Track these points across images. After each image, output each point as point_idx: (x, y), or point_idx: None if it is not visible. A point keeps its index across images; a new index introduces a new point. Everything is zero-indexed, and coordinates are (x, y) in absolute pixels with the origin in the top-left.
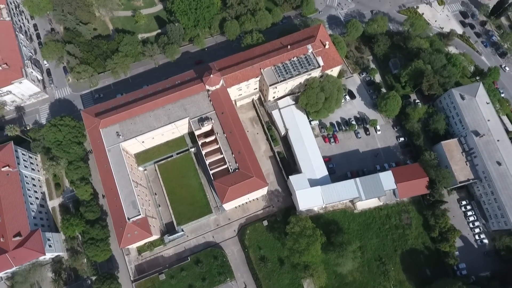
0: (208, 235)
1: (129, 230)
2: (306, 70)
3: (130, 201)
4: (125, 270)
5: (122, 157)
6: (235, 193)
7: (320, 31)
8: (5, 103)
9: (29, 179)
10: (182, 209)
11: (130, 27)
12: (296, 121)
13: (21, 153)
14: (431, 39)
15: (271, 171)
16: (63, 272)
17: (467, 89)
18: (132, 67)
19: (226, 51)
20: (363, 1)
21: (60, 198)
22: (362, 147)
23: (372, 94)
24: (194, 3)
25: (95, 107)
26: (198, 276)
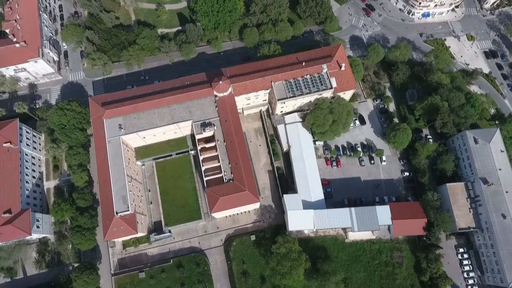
0: (195, 240)
1: (115, 224)
2: (317, 90)
3: (121, 195)
4: (107, 262)
5: (120, 150)
6: (225, 204)
7: (338, 52)
8: (19, 79)
9: (29, 157)
10: (172, 210)
11: (152, 21)
12: (300, 139)
13: (25, 131)
14: (453, 75)
15: (268, 185)
16: (47, 254)
17: (482, 133)
18: (147, 61)
19: (239, 58)
20: (390, 26)
21: (57, 180)
22: (364, 175)
23: (383, 123)
24: (217, 6)
25: (103, 96)
26: (177, 281)
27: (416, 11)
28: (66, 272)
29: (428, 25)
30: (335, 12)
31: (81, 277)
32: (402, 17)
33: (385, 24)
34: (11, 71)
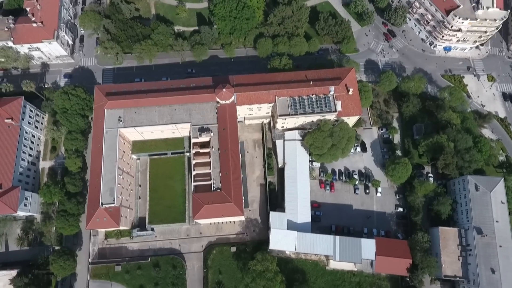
0: (176, 242)
1: (99, 215)
2: (321, 111)
3: (109, 187)
4: (86, 250)
5: (116, 142)
6: (209, 212)
7: (349, 75)
8: (33, 57)
9: (29, 135)
10: (158, 209)
11: (170, 17)
12: (297, 158)
13: (29, 109)
14: (465, 115)
15: (257, 199)
16: (31, 232)
17: (485, 180)
18: (159, 56)
19: (252, 66)
20: (409, 55)
21: (53, 161)
22: (356, 204)
23: (385, 153)
24: (235, 11)
25: (109, 86)
26: (151, 280)
27: (438, 44)
28: (45, 253)
29: (448, 59)
30: (355, 33)
31: (58, 261)
32: (423, 48)
33: (404, 52)
34: (25, 49)
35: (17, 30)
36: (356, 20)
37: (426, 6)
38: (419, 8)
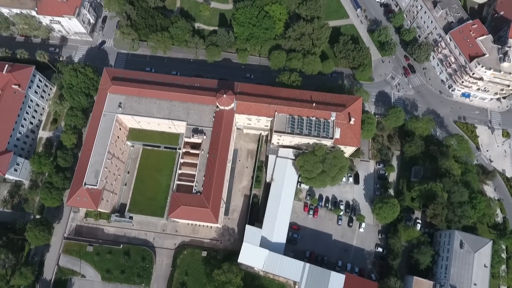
0: (151, 235)
1: (80, 194)
2: (317, 136)
3: (95, 169)
4: (64, 224)
5: (111, 127)
6: (184, 213)
7: (354, 104)
8: (53, 29)
9: (33, 104)
10: (140, 199)
11: (193, 13)
12: (285, 176)
13: (38, 79)
14: (467, 167)
15: (239, 209)
16: (16, 197)
17: (472, 239)
18: (173, 50)
19: (262, 76)
20: (425, 94)
21: (51, 133)
22: (337, 234)
23: (377, 189)
24: (256, 19)
25: (118, 71)
26: (119, 266)
27: (458, 88)
28: (25, 219)
29: (465, 106)
30: (374, 62)
31: (34, 230)
32: (441, 89)
33: (421, 90)
34: (47, 20)
35: (42, 1)
36: (378, 48)
37: (451, 47)
38: (444, 48)
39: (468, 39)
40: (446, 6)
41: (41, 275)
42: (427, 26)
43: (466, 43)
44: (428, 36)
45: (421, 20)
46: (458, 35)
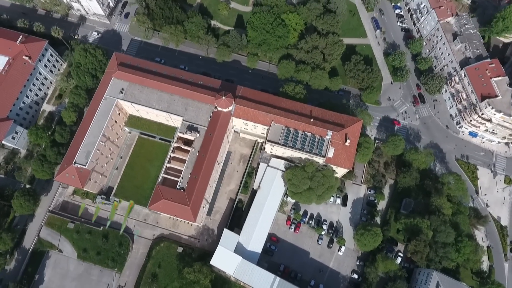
0: (132, 222)
1: (69, 171)
2: (310, 152)
3: (87, 150)
4: (51, 198)
5: (110, 111)
6: (164, 207)
7: (353, 126)
8: (72, 7)
9: (41, 77)
10: (127, 185)
11: (212, 10)
12: (272, 187)
13: (50, 54)
14: (459, 208)
15: (222, 211)
16: (11, 163)
17: (450, 283)
18: (186, 43)
19: (268, 83)
20: (430, 126)
21: (54, 107)
22: (315, 253)
23: (363, 215)
24: (270, 26)
25: (127, 57)
26: (96, 248)
27: (465, 126)
28: (15, 187)
29: (470, 145)
30: (384, 85)
31: (20, 199)
32: (448, 124)
33: (427, 122)
34: None
35: None
36: (391, 73)
37: (464, 83)
38: (457, 83)
39: (483, 78)
40: (466, 40)
41: (21, 243)
42: (444, 58)
43: (480, 82)
44: (443, 68)
45: (439, 51)
46: (473, 72)
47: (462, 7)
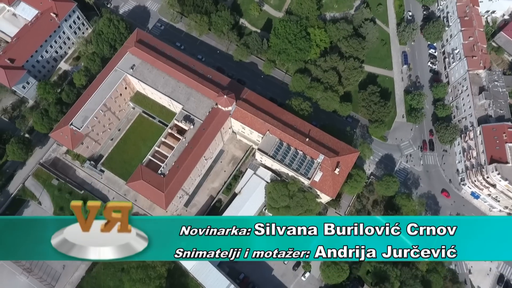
0: (112, 193)
1: (63, 131)
2: (296, 170)
3: (85, 115)
4: (44, 152)
5: (116, 83)
6: (141, 188)
7: (348, 156)
8: None
9: (64, 36)
10: (116, 158)
11: (243, 8)
12: (252, 195)
13: (76, 16)
14: (436, 267)
15: (199, 206)
16: (17, 110)
17: None
18: (209, 35)
19: (278, 92)
20: (433, 176)
21: (70, 67)
22: (278, 271)
23: None
24: (293, 36)
25: (148, 36)
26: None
27: (468, 185)
28: (14, 133)
29: (469, 206)
30: (395, 123)
31: (14, 145)
32: (452, 178)
33: (430, 170)
34: None
35: None
36: (406, 112)
37: (477, 141)
38: (470, 139)
39: (497, 140)
40: (491, 97)
41: (6, 186)
42: (464, 110)
43: (494, 143)
44: (461, 120)
45: (462, 102)
46: (490, 131)
47: (501, 62)
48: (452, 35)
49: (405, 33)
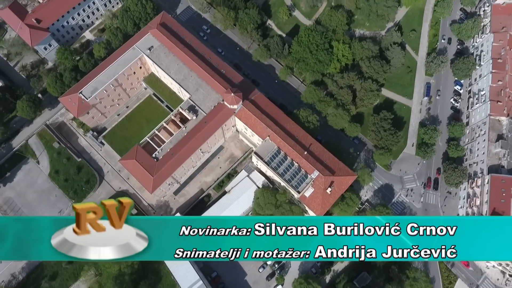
0: (107, 167)
1: (72, 97)
2: (288, 181)
3: (96, 86)
4: (52, 114)
5: (131, 61)
6: (132, 167)
7: (343, 178)
8: None
9: (94, 6)
10: (118, 134)
11: (273, 10)
12: (241, 197)
13: None
14: None
15: (188, 196)
16: (35, 69)
17: None
18: (233, 30)
19: (290, 98)
20: (430, 215)
21: (94, 38)
22: (251, 278)
23: (315, 266)
24: (315, 47)
25: (172, 21)
26: (66, 174)
27: None
28: (27, 91)
29: None
30: (403, 154)
31: (25, 102)
32: None
33: (428, 209)
34: None
35: None
36: (417, 144)
37: (483, 190)
38: (477, 186)
39: (504, 193)
40: (508, 147)
41: (10, 140)
42: (477, 155)
43: (500, 196)
44: (472, 165)
45: (476, 146)
46: (498, 183)
47: None
48: (481, 75)
49: (433, 64)
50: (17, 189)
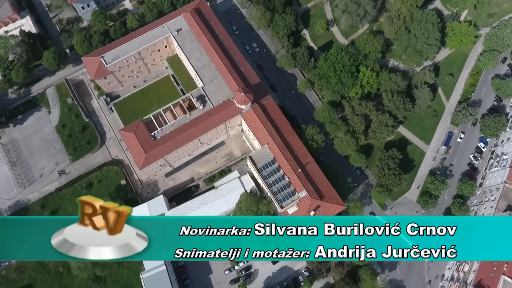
0: (111, 133)
1: (93, 60)
2: (274, 194)
3: (118, 54)
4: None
5: (157, 39)
6: (128, 140)
7: (331, 206)
8: None
9: None
10: (129, 104)
11: (311, 21)
12: (226, 197)
13: None
14: None
15: (178, 182)
16: (70, 25)
17: None
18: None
19: (303, 112)
20: (415, 269)
21: (132, 8)
22: (215, 278)
23: (282, 286)
24: (340, 67)
25: (208, 8)
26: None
27: None
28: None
29: None
30: (404, 197)
31: (51, 53)
32: (433, 281)
33: (413, 264)
34: None
35: None
36: (420, 192)
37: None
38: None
39: (495, 268)
40: None
41: (30, 86)
42: None
43: (490, 269)
44: None
45: (483, 210)
46: None
47: None
48: (509, 138)
49: (460, 114)
50: (24, 132)
